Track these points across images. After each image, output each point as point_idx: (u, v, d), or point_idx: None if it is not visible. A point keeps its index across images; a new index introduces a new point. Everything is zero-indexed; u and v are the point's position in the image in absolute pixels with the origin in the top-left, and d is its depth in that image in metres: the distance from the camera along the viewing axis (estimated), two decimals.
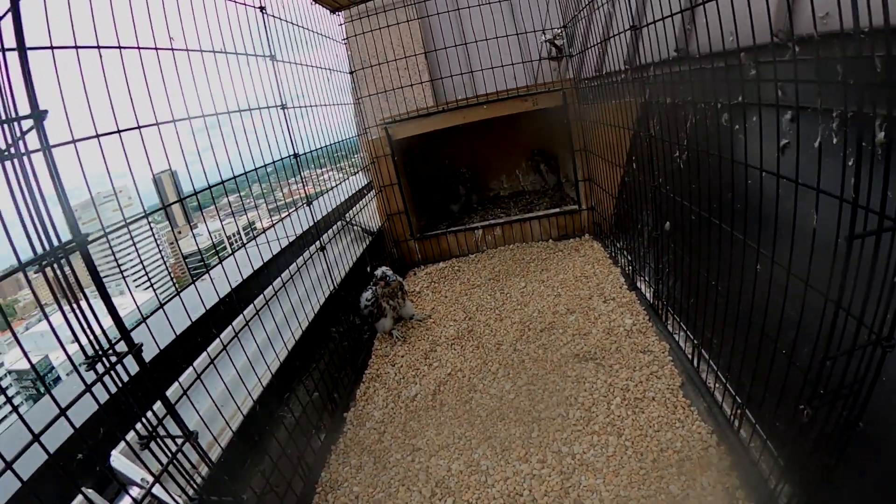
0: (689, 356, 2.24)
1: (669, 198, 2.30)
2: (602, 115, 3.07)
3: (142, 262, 1.83)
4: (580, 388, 2.29)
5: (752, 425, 1.66)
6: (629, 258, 3.16)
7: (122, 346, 1.30)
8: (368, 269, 3.36)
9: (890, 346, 1.06)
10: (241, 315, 2.14)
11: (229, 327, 2.06)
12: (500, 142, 4.79)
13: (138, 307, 1.68)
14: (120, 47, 1.49)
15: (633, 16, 2.54)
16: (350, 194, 4.33)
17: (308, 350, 2.67)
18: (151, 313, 1.71)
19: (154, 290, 1.86)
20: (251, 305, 2.27)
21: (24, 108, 1.04)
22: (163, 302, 1.68)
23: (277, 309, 2.44)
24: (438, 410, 2.44)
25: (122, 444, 1.57)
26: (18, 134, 1.05)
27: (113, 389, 1.25)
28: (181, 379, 1.74)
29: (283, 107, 2.53)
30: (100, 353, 1.23)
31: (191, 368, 1.77)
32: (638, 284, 2.98)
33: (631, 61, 2.70)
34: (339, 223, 3.83)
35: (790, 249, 1.28)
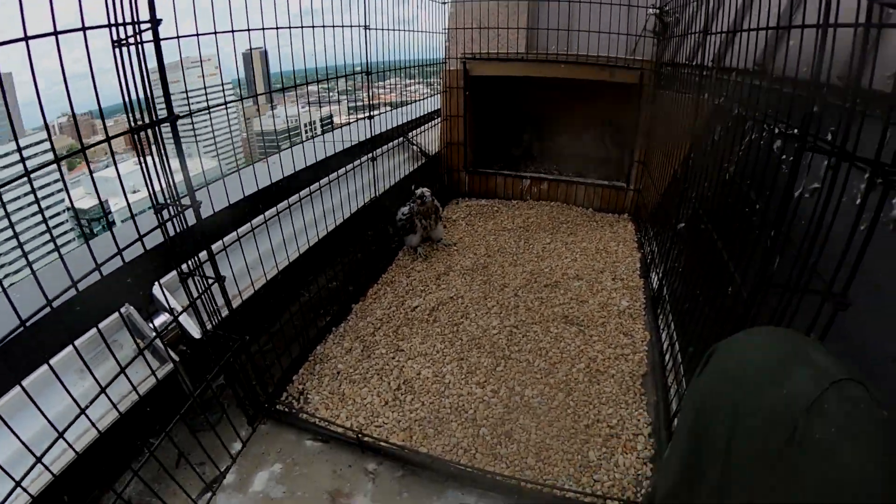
0: (662, 352, 2.41)
1: (694, 203, 2.37)
2: (672, 106, 3.06)
3: (213, 134, 2.14)
4: (555, 345, 2.54)
5: None
6: (654, 249, 3.26)
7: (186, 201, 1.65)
8: (413, 187, 3.60)
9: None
10: (286, 200, 2.48)
11: (278, 206, 2.41)
12: (576, 103, 4.76)
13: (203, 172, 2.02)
14: None
15: (733, 16, 2.48)
16: (419, 115, 4.52)
17: (341, 243, 3.02)
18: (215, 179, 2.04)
19: (219, 161, 2.20)
20: (304, 190, 2.60)
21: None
22: (226, 173, 2.01)
23: (327, 199, 2.78)
24: (430, 325, 2.76)
25: (165, 278, 1.98)
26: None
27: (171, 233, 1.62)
28: (226, 238, 2.11)
29: (367, 27, 2.71)
30: (168, 201, 1.59)
31: (235, 233, 2.13)
32: (650, 274, 3.11)
33: (718, 60, 2.65)
34: (400, 139, 4.07)
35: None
